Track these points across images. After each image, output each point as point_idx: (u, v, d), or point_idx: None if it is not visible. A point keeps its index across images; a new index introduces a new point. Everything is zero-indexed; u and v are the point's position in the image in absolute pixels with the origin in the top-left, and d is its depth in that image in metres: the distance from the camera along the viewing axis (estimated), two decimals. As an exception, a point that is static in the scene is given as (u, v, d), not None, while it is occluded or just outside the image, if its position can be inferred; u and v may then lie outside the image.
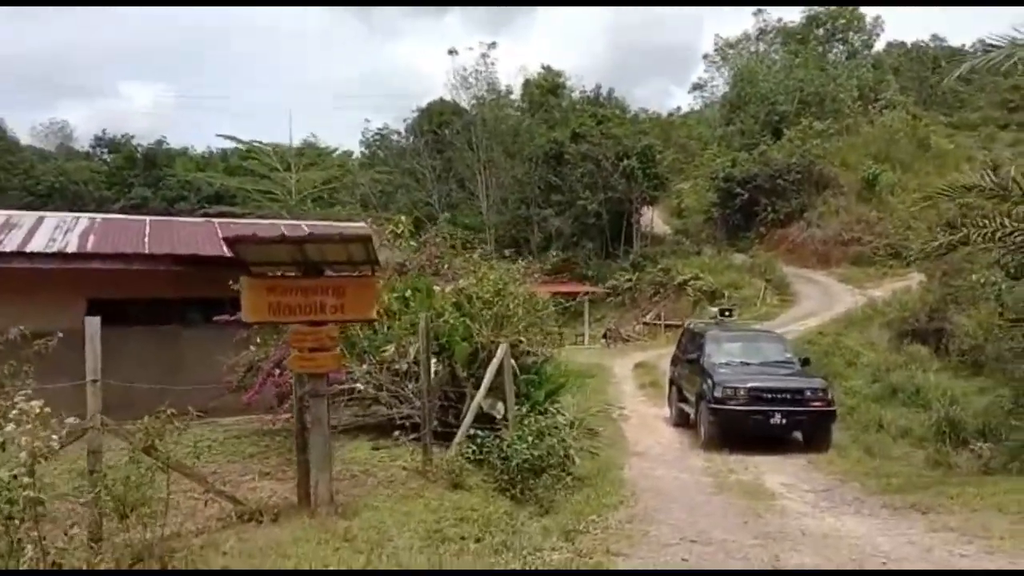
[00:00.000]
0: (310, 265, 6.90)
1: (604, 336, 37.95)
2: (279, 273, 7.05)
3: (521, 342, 10.60)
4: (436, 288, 10.84)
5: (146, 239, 13.44)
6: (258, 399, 9.85)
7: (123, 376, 12.63)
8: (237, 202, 44.46)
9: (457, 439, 9.35)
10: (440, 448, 9.46)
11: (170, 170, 66.16)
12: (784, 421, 13.85)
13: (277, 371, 9.88)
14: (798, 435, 14.54)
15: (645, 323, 39.01)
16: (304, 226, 15.69)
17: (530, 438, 9.13)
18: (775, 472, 12.05)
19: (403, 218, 18.50)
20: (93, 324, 5.84)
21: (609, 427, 15.74)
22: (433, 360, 10.08)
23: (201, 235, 14.37)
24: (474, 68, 53.77)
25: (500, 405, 10.09)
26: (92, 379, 5.78)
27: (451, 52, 54.21)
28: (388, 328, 10.30)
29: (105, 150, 78.01)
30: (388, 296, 10.80)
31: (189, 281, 12.59)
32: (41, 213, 14.98)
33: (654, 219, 51.93)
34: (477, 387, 9.89)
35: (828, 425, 14.27)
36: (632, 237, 47.96)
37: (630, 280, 43.95)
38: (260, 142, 41.93)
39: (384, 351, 10.15)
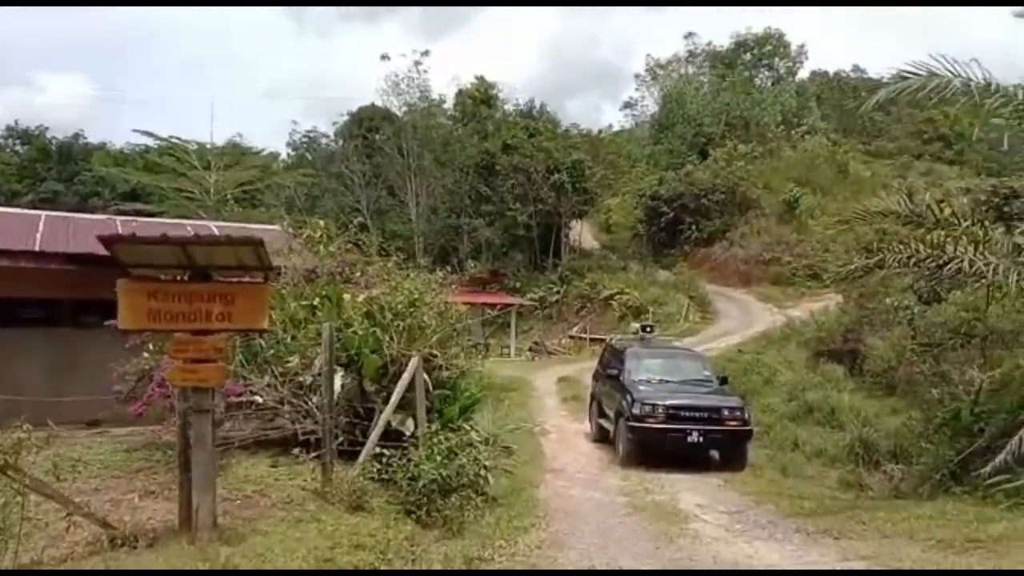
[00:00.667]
0: (197, 269, 6.34)
1: (530, 349, 37.73)
2: (162, 277, 6.45)
3: (435, 356, 10.16)
4: (347, 297, 10.30)
5: (38, 235, 12.50)
6: (148, 410, 9.13)
7: (13, 380, 11.81)
8: (153, 200, 42.75)
9: (362, 457, 8.86)
10: (345, 466, 8.94)
11: (86, 165, 63.36)
12: (701, 439, 13.78)
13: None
14: (715, 454, 14.48)
15: (571, 336, 38.94)
16: (213, 227, 14.92)
17: (439, 457, 8.70)
18: (691, 492, 11.89)
19: (321, 222, 17.85)
20: None
21: (528, 443, 15.42)
22: (340, 373, 9.57)
23: (106, 230, 13.47)
24: (407, 75, 53.09)
25: (410, 421, 9.64)
26: None
27: (383, 57, 53.44)
28: (292, 338, 9.72)
29: (17, 141, 74.39)
30: (294, 304, 10.23)
31: (85, 281, 11.73)
32: (-79, 203, 13.83)
33: (583, 233, 52.12)
34: (387, 402, 9.41)
35: (744, 444, 14.26)
36: (561, 250, 47.97)
37: (558, 293, 43.88)
38: (179, 139, 40.37)
39: (288, 362, 9.57)
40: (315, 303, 10.17)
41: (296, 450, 9.06)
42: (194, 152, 38.59)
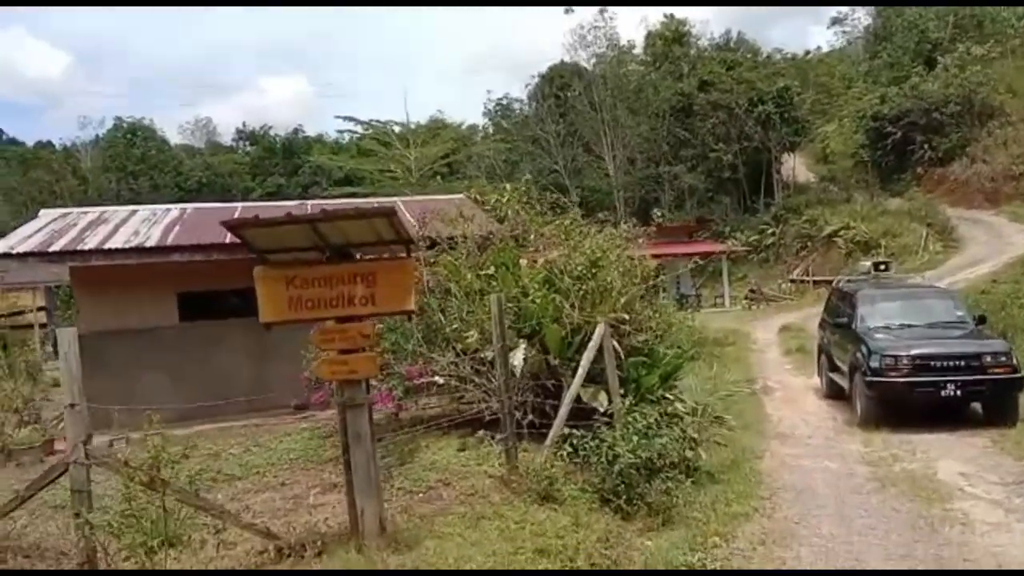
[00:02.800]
0: (333, 249, 5.64)
1: (746, 297, 35.31)
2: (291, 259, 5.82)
3: (625, 320, 9.01)
4: (523, 262, 9.40)
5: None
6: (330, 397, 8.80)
7: (223, 370, 12.20)
8: (364, 184, 44.61)
9: (550, 439, 7.95)
10: (535, 448, 8.13)
11: (308, 157, 67.93)
12: (958, 392, 11.54)
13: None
14: (977, 408, 12.16)
15: (791, 281, 35.99)
16: (399, 203, 14.64)
17: (635, 437, 7.58)
18: (950, 457, 9.91)
19: (508, 186, 17.14)
20: (66, 336, 4.80)
21: (748, 404, 13.90)
22: (523, 346, 8.72)
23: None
24: (592, 25, 51.38)
25: (603, 395, 8.59)
26: (71, 403, 4.75)
27: (568, 10, 51.99)
28: (469, 311, 8.99)
29: (247, 142, 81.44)
30: (470, 275, 9.49)
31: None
32: (135, 207, 14.70)
33: (796, 167, 48.03)
34: (576, 375, 8.44)
35: (1014, 395, 11.80)
36: (773, 188, 44.53)
37: (773, 235, 40.78)
38: (378, 121, 41.76)
39: (467, 337, 8.84)
40: (492, 272, 9.34)
41: (481, 432, 8.34)
42: (394, 133, 39.68)
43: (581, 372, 8.30)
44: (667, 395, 9.25)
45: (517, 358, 8.56)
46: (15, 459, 10.19)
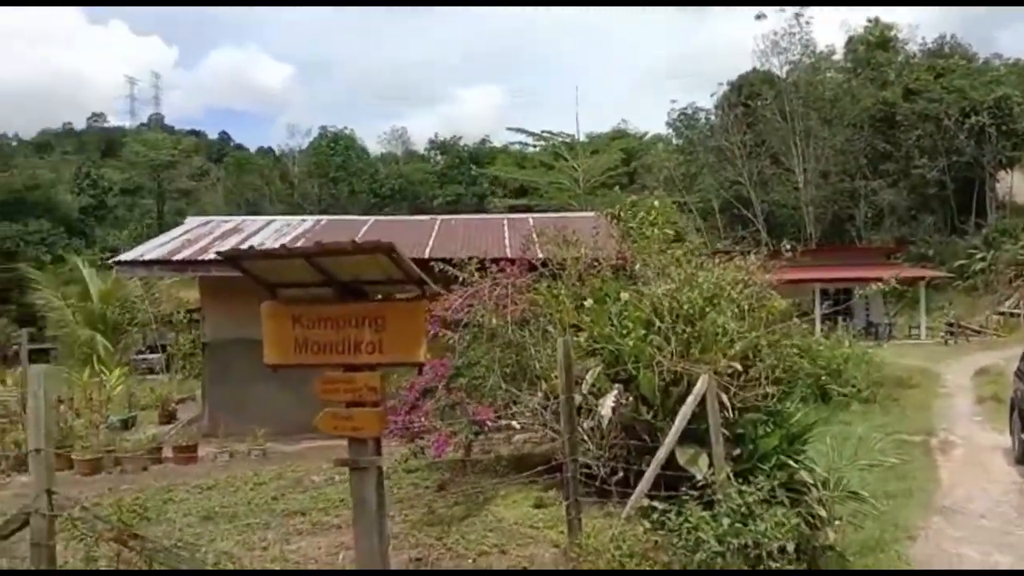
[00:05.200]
0: (342, 286, 4.92)
1: (946, 331, 31.43)
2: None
3: (739, 370, 7.66)
4: (624, 296, 8.28)
5: (357, 238, 12.59)
6: (400, 432, 8.15)
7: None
8: (536, 195, 44.46)
9: (628, 507, 6.82)
10: (615, 511, 7.05)
11: (492, 167, 69.15)
12: None
13: (422, 400, 8.16)
14: None
15: (1000, 313, 31.62)
16: (528, 219, 13.90)
17: (726, 519, 6.28)
18: None
19: (655, 202, 15.93)
20: (35, 374, 4.40)
21: (919, 463, 11.85)
22: (614, 393, 7.64)
23: (419, 235, 13.26)
24: (787, 31, 48.24)
25: (703, 459, 7.31)
26: (35, 447, 4.33)
27: (759, 16, 49.23)
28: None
29: (438, 152, 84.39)
30: (569, 305, 8.53)
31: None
32: (271, 217, 14.95)
33: (1014, 185, 42.41)
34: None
35: None
36: (985, 208, 39.52)
37: (983, 260, 36.14)
38: (549, 132, 41.34)
39: (556, 377, 7.87)
40: (590, 304, 8.33)
41: (552, 493, 7.35)
42: (564, 144, 39.15)
43: (675, 430, 7.10)
44: (791, 461, 7.77)
45: (606, 406, 7.52)
46: (121, 466, 10.41)
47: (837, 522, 7.68)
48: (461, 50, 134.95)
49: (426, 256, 11.13)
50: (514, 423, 7.96)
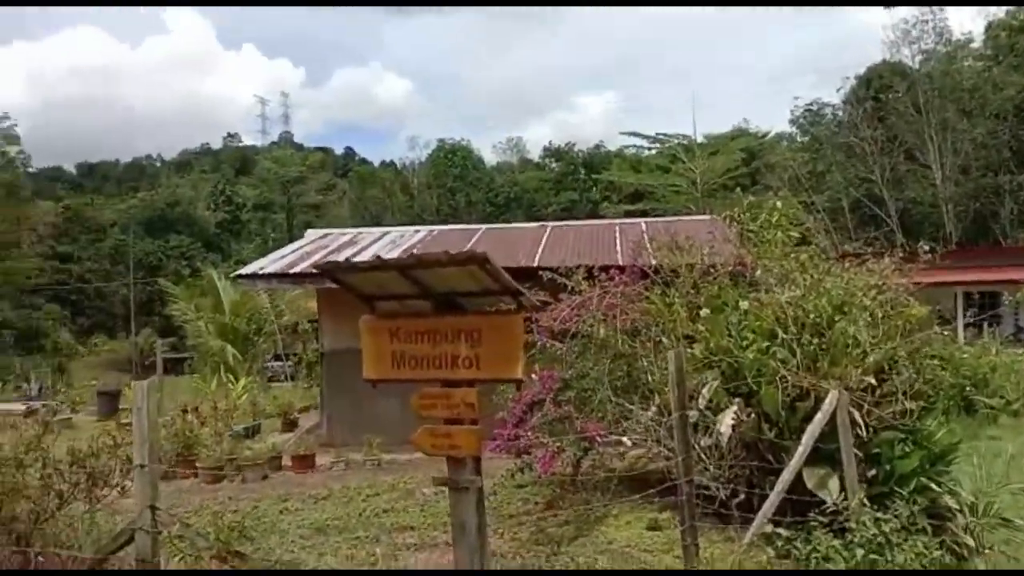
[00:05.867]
0: (438, 298, 4.74)
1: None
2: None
3: (874, 385, 7.01)
4: (743, 304, 7.75)
5: (466, 248, 12.54)
6: (507, 447, 7.92)
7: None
8: (652, 199, 43.57)
9: (750, 534, 6.34)
10: (737, 534, 6.58)
11: (607, 172, 68.61)
12: None
13: (529, 414, 7.91)
14: None
15: None
16: (640, 224, 13.43)
17: (859, 550, 5.72)
18: None
19: (779, 203, 15.17)
20: (141, 389, 4.43)
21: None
22: (734, 409, 7.16)
23: (529, 243, 13.07)
24: (919, 18, 45.27)
25: (833, 482, 6.73)
26: (140, 463, 4.36)
27: (888, 7, 46.41)
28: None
29: (552, 159, 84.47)
30: (684, 315, 8.09)
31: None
32: (386, 229, 15.12)
33: None
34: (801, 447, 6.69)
35: None
36: None
37: None
38: (664, 134, 40.40)
39: (668, 392, 7.46)
40: (707, 314, 7.86)
41: (668, 514, 6.94)
42: (680, 146, 38.16)
43: (802, 450, 6.56)
44: (933, 484, 7.06)
45: (724, 423, 7.05)
46: (242, 474, 10.67)
47: (987, 552, 6.95)
48: (576, 57, 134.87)
49: (535, 264, 10.91)
50: (625, 439, 7.59)
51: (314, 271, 11.49)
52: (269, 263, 12.21)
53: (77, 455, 4.92)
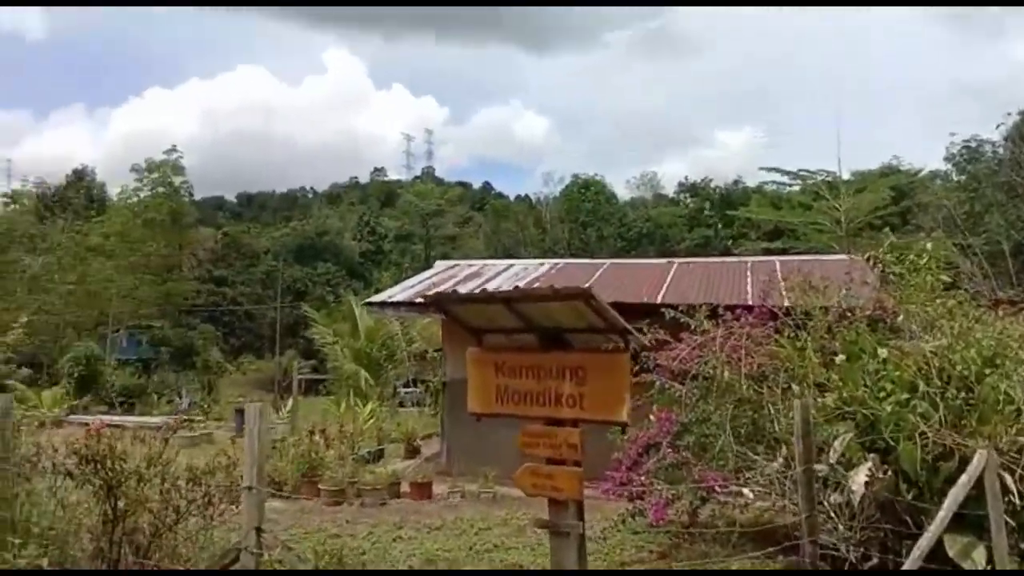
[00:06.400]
0: (543, 333, 4.62)
1: None
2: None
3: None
4: (882, 351, 7.16)
5: (587, 284, 12.36)
6: (619, 491, 7.63)
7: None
8: (792, 237, 41.87)
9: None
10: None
11: (744, 209, 66.79)
12: None
13: (645, 457, 7.61)
14: None
15: None
16: (774, 263, 12.82)
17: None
18: None
19: (928, 245, 14.20)
20: (252, 412, 4.55)
21: None
22: (868, 464, 6.61)
23: (651, 279, 12.77)
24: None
25: (979, 551, 6.06)
26: (247, 485, 4.47)
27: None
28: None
29: (687, 195, 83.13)
30: (809, 360, 7.59)
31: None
32: (511, 261, 15.19)
33: None
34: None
35: None
36: None
37: None
38: (806, 171, 38.78)
39: (793, 442, 6.99)
40: (836, 359, 7.33)
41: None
42: (824, 182, 36.52)
43: (943, 515, 5.94)
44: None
45: (857, 480, 6.50)
46: (362, 498, 10.86)
47: None
48: (715, 91, 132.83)
49: (658, 301, 10.60)
50: (746, 490, 7.14)
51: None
52: (398, 292, 12.50)
53: (194, 472, 5.12)
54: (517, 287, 4.24)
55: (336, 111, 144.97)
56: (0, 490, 5.05)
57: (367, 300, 12.80)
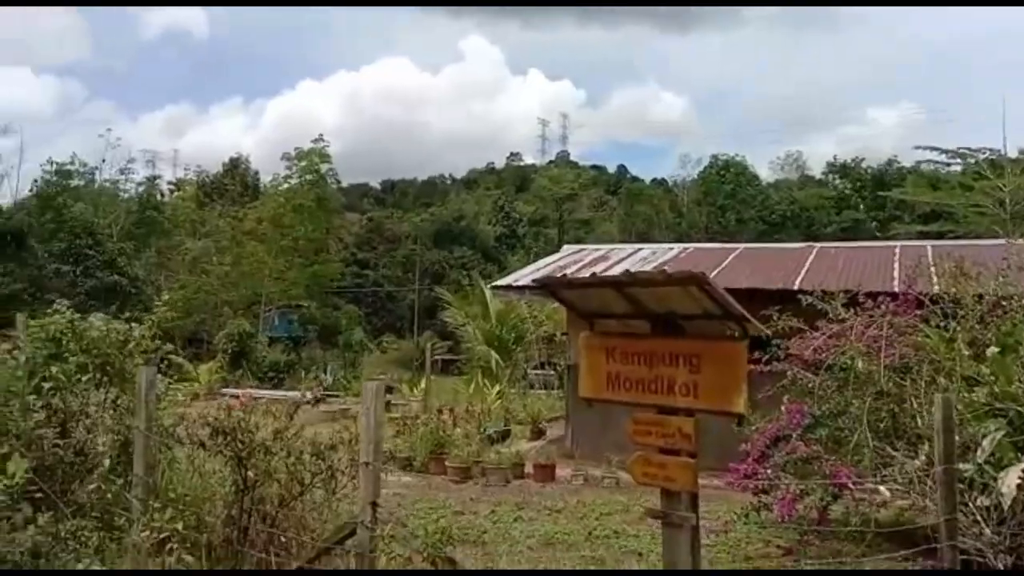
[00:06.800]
0: (658, 318, 4.47)
1: None
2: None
3: None
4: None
5: (717, 269, 11.98)
6: (742, 483, 7.34)
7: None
8: (956, 220, 38.92)
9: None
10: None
11: (898, 190, 62.84)
12: None
13: (773, 450, 7.29)
14: None
15: None
16: (925, 247, 11.96)
17: None
18: None
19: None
20: (370, 391, 4.69)
21: None
22: (1021, 464, 6.07)
23: (788, 265, 12.21)
24: None
25: None
26: (365, 461, 4.61)
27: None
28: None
29: (836, 175, 79.02)
30: (958, 352, 7.03)
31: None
32: (639, 246, 14.92)
33: None
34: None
35: None
36: None
37: None
38: (967, 149, 35.80)
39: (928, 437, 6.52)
40: (988, 351, 6.75)
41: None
42: (987, 161, 33.67)
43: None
44: None
45: (1008, 483, 5.98)
46: (486, 477, 11.03)
47: None
48: (867, 66, 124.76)
49: (794, 287, 10.11)
50: (882, 488, 6.72)
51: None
52: (523, 276, 12.56)
53: (318, 447, 5.34)
54: (627, 271, 4.13)
55: (473, 98, 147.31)
56: (145, 458, 5.46)
57: (493, 284, 12.94)
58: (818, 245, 13.53)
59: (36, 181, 44.97)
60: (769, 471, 7.12)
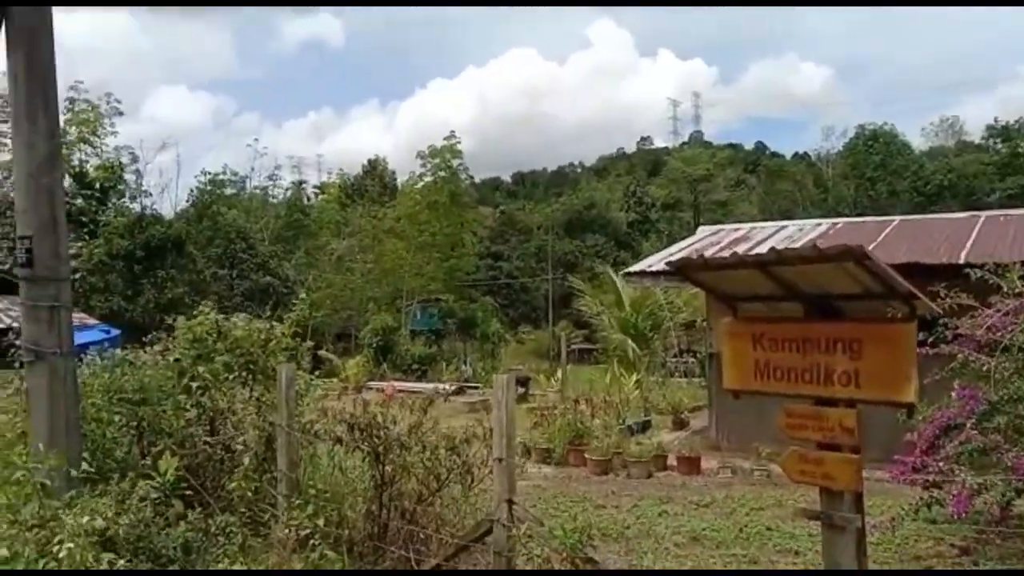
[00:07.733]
0: (809, 300, 4.06)
1: None
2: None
3: None
4: None
5: (872, 244, 11.10)
6: (909, 477, 6.69)
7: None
8: None
9: None
10: None
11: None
12: None
13: (943, 440, 6.61)
14: None
15: None
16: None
17: None
18: None
19: None
20: (500, 383, 4.54)
21: None
22: None
23: (952, 237, 11.19)
24: None
25: None
26: (498, 456, 4.48)
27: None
28: None
29: (998, 139, 72.92)
30: None
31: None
32: (783, 223, 14.10)
33: None
34: None
35: None
36: None
37: None
38: None
39: None
40: None
41: None
42: None
43: None
44: None
45: None
46: (627, 469, 10.75)
47: None
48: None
49: (961, 261, 9.20)
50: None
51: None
52: (656, 261, 12.13)
53: (452, 441, 5.26)
54: (772, 248, 3.77)
55: (602, 84, 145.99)
56: (288, 454, 5.56)
57: (625, 271, 12.59)
58: (985, 214, 12.31)
59: (192, 191, 48.28)
60: (940, 463, 6.46)
